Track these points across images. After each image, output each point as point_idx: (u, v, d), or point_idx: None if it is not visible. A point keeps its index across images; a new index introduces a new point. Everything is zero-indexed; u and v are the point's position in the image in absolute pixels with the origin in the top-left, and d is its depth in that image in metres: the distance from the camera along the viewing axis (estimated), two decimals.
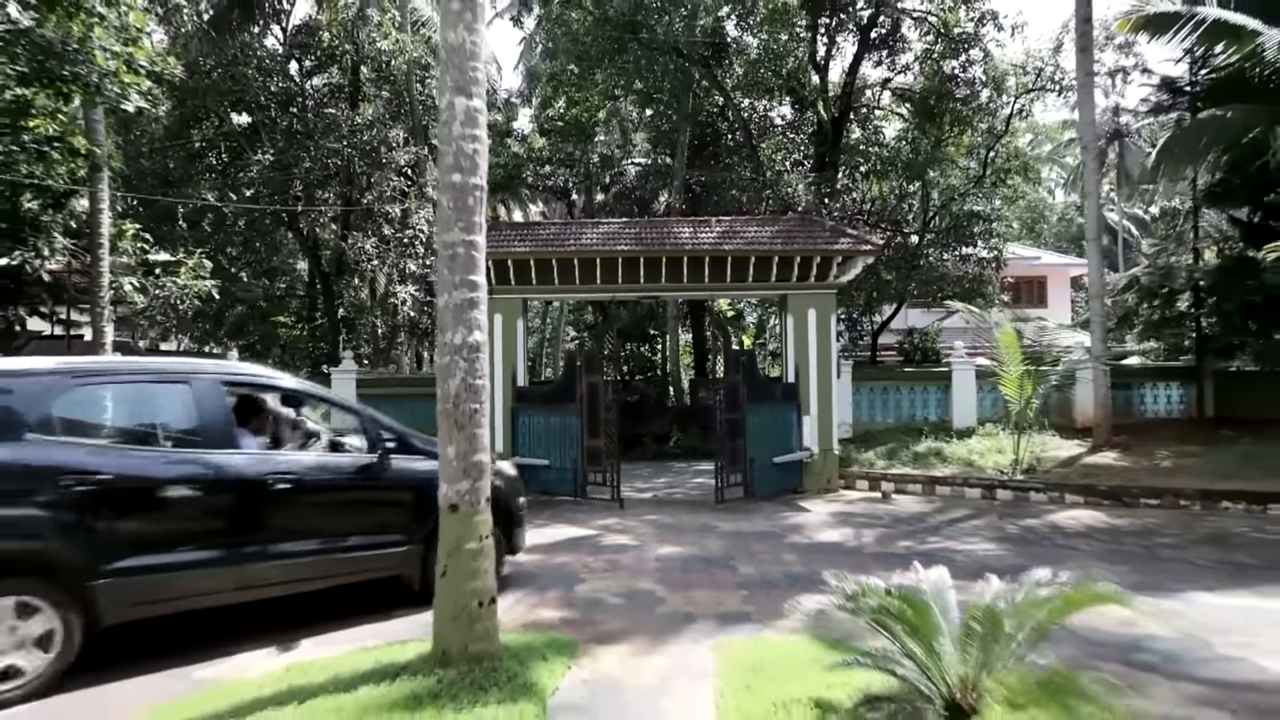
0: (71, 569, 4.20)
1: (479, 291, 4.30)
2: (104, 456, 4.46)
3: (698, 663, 4.47)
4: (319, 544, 5.14)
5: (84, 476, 4.29)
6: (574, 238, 12.02)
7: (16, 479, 4.17)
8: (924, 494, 11.05)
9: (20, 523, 4.14)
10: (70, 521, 4.23)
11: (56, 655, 4.10)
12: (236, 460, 4.87)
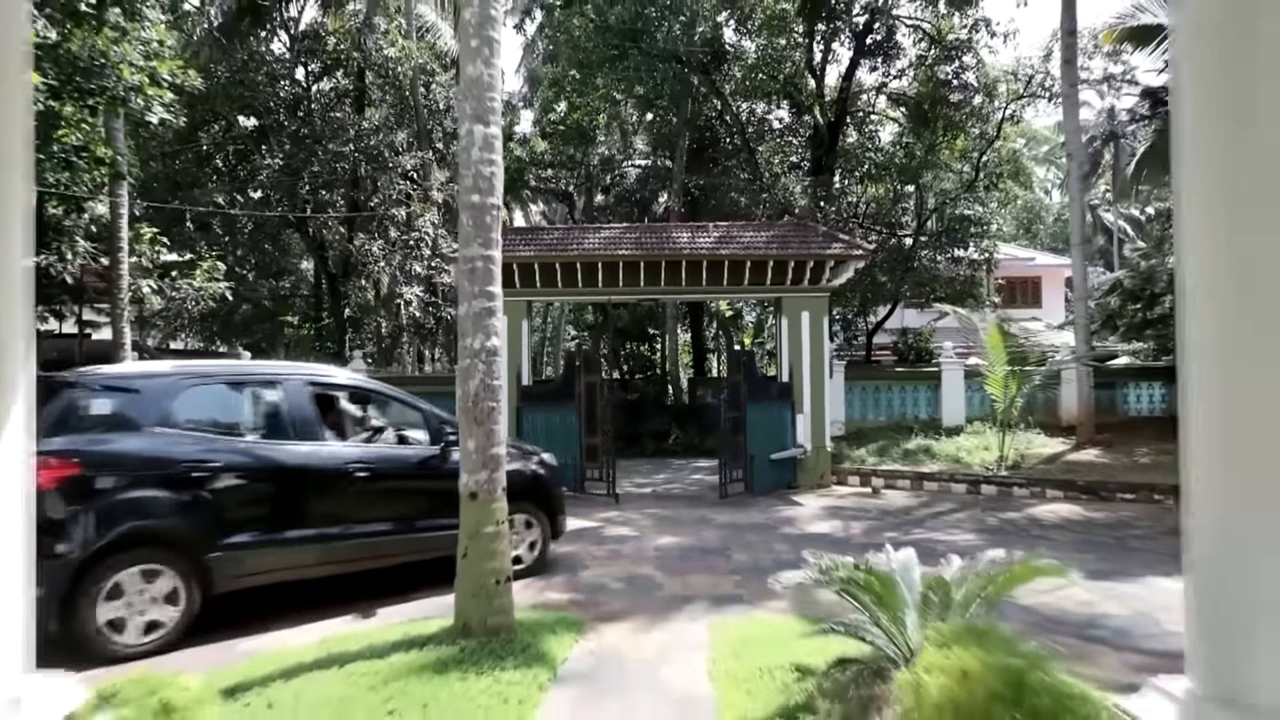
0: (192, 543, 4.94)
1: (496, 301, 4.75)
2: (214, 447, 5.18)
3: (693, 638, 4.94)
4: (391, 525, 5.79)
5: (199, 464, 5.04)
6: (577, 242, 12.47)
7: (144, 466, 4.88)
8: (912, 489, 11.51)
9: (149, 503, 4.86)
10: (189, 503, 4.95)
11: (181, 616, 4.85)
12: (322, 451, 5.60)
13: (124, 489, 4.79)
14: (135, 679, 2.32)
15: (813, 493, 11.36)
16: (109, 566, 4.65)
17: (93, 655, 4.49)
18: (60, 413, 4.81)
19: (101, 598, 4.60)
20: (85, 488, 4.67)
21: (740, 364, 11.59)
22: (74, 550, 4.57)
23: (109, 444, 4.87)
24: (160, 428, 5.02)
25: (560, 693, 4.03)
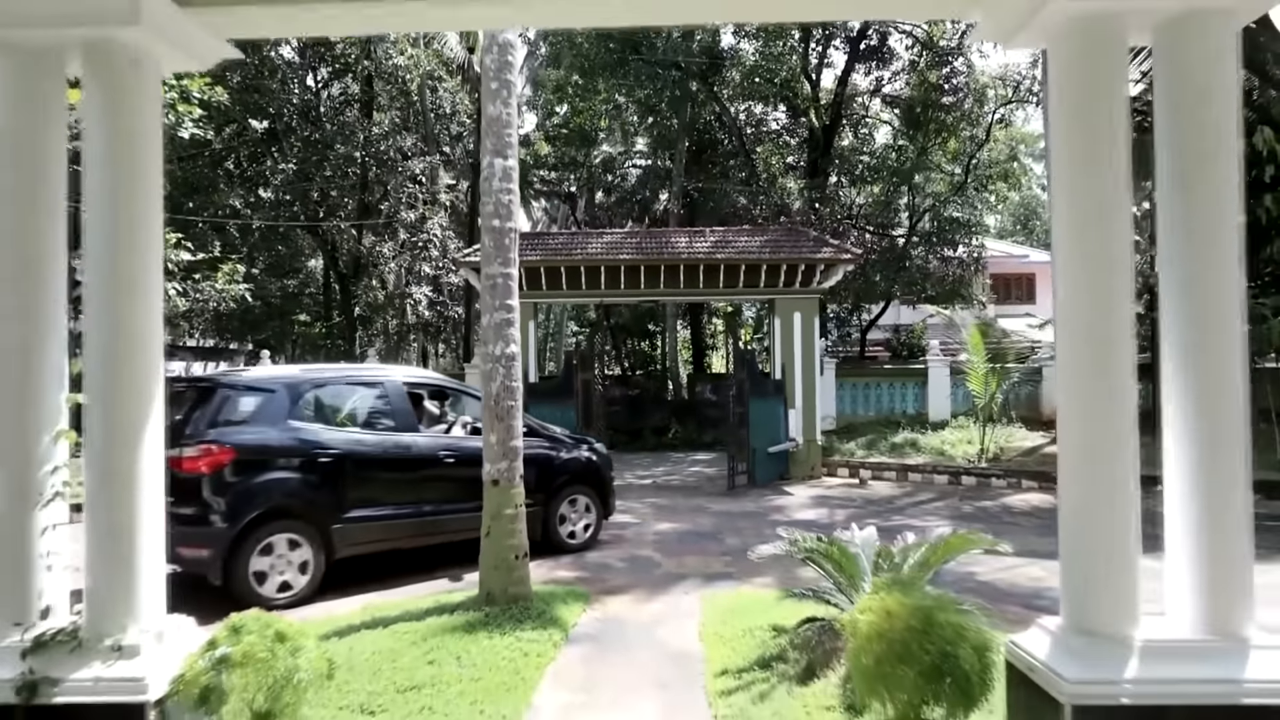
0: (319, 516, 5.98)
1: (514, 313, 5.43)
2: (335, 436, 6.23)
3: (686, 607, 5.63)
4: (473, 504, 6.45)
5: (324, 450, 6.08)
6: (580, 247, 13.16)
7: (283, 453, 5.94)
8: (897, 480, 12.20)
9: (287, 483, 5.94)
10: (317, 482, 6.02)
11: (310, 578, 5.88)
12: (419, 440, 6.64)
13: (267, 471, 5.87)
14: (253, 615, 2.99)
15: (803, 484, 12.06)
16: (258, 535, 5.69)
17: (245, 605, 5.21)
18: (216, 408, 5.79)
19: (253, 559, 5.64)
20: (238, 470, 5.73)
21: (744, 363, 12.31)
22: (232, 520, 5.61)
23: (255, 434, 5.90)
24: (293, 421, 6.08)
25: (571, 649, 4.73)
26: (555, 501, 7.39)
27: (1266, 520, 8.64)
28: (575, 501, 7.58)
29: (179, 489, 5.44)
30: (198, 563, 5.53)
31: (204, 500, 5.63)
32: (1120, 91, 2.95)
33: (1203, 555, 2.84)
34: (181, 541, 5.38)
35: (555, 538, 7.37)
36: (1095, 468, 2.91)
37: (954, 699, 2.83)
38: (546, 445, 7.52)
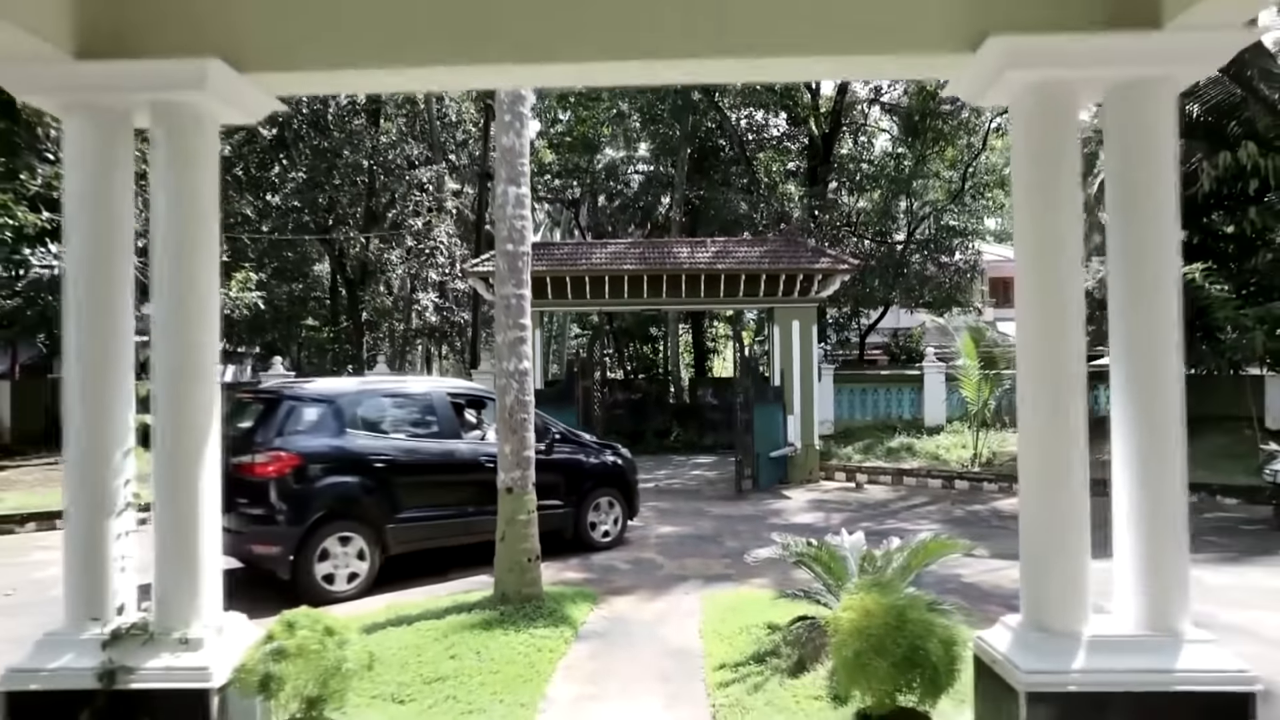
0: (375, 517, 6.51)
1: (526, 331, 5.80)
2: (388, 444, 6.76)
3: (687, 606, 6.00)
4: None
5: (378, 457, 6.61)
6: (585, 257, 13.54)
7: (342, 459, 6.46)
8: (893, 484, 12.57)
9: (347, 487, 6.45)
10: (372, 486, 6.53)
11: (367, 573, 6.43)
12: (462, 447, 7.13)
13: (329, 476, 6.40)
14: (304, 611, 3.35)
15: (801, 487, 12.42)
16: (321, 534, 6.23)
17: (310, 599, 5.63)
18: (283, 419, 6.30)
19: (317, 556, 6.19)
20: (303, 475, 6.28)
21: (749, 371, 12.70)
22: (298, 521, 6.14)
23: (317, 442, 6.44)
24: (350, 430, 6.63)
25: (581, 645, 5.10)
26: (585, 503, 8.02)
27: (1244, 524, 9.06)
28: (602, 503, 8.20)
29: (250, 492, 6.12)
30: (268, 559, 6.16)
31: (273, 502, 6.19)
32: (1072, 143, 3.31)
33: (1143, 559, 3.21)
34: (254, 540, 6.11)
35: (585, 536, 7.98)
36: (1049, 481, 3.27)
37: (924, 688, 3.20)
38: (577, 451, 8.14)
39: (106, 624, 3.27)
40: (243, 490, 6.16)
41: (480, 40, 3.26)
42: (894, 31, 3.22)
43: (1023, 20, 3.08)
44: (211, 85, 3.24)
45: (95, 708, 3.13)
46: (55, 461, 12.67)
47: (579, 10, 3.25)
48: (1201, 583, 6.54)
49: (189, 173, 3.40)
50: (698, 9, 3.22)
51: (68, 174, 3.41)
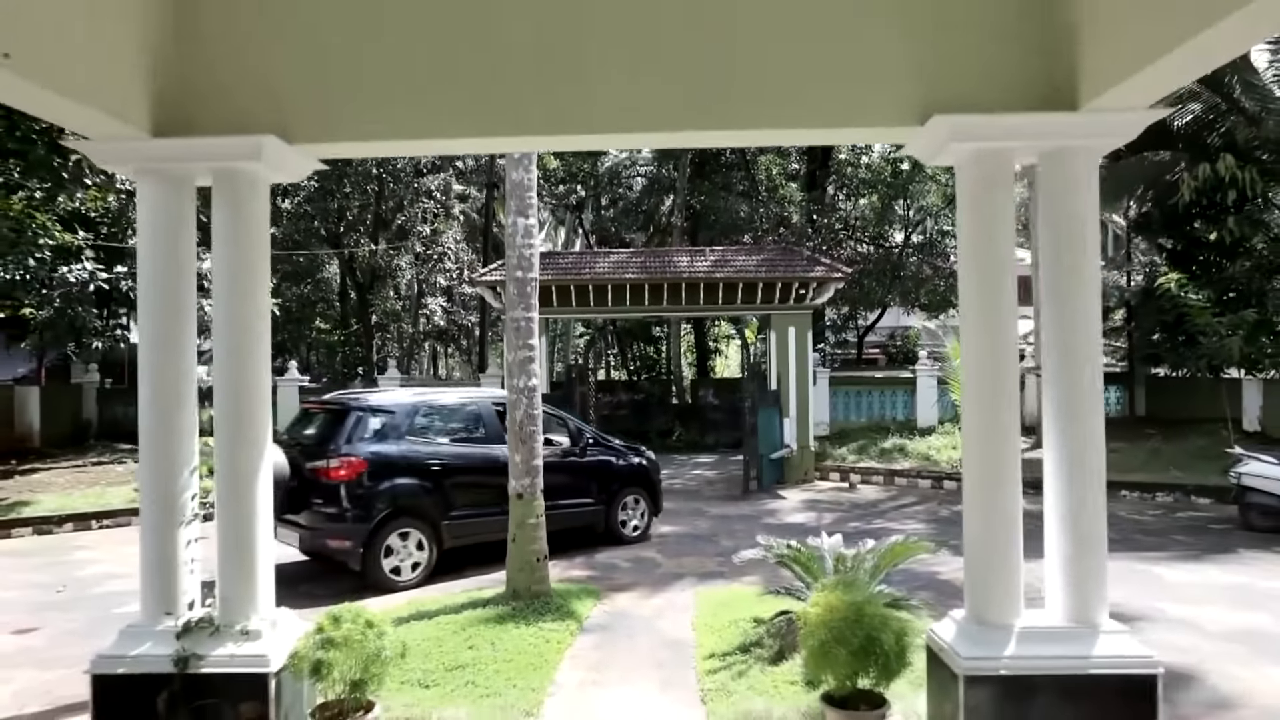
0: (433, 514, 7.31)
1: (534, 350, 6.34)
2: (442, 450, 7.56)
3: (683, 602, 6.54)
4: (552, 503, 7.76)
5: (434, 461, 7.42)
6: (589, 266, 14.07)
7: (403, 463, 7.28)
8: (884, 484, 13.09)
9: (409, 488, 7.26)
10: (430, 487, 7.33)
11: (426, 564, 7.26)
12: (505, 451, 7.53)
13: (393, 478, 7.18)
14: (346, 607, 3.88)
15: (797, 488, 12.95)
16: (386, 529, 7.04)
17: (378, 587, 6.90)
18: (351, 427, 7.07)
19: (383, 549, 7.00)
20: (371, 478, 7.05)
21: (755, 376, 13.22)
22: (367, 518, 6.93)
23: (382, 448, 7.24)
24: (410, 437, 7.46)
25: (585, 638, 5.64)
26: (615, 501, 8.88)
27: (1212, 523, 9.56)
28: (629, 501, 9.05)
29: (324, 493, 6.86)
30: (342, 552, 6.99)
31: (344, 502, 6.96)
32: (1007, 198, 3.81)
33: (1067, 560, 3.74)
34: (328, 536, 6.87)
35: (616, 531, 8.85)
36: (987, 493, 3.80)
37: (878, 672, 3.73)
38: (607, 453, 8.99)
39: (178, 618, 3.82)
40: (317, 491, 7.03)
41: (498, 117, 3.78)
42: (858, 110, 3.74)
43: (961, 102, 3.59)
44: (266, 156, 3.77)
45: (172, 689, 3.67)
46: (82, 463, 13.28)
47: (590, 92, 3.76)
48: (1161, 580, 7.11)
49: (245, 226, 3.93)
50: (696, 92, 3.72)
51: (141, 226, 3.94)
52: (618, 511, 8.90)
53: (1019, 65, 3.61)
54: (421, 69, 3.77)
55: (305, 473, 7.09)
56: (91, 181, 10.27)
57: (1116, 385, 16.24)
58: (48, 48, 3.06)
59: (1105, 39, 3.33)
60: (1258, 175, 12.33)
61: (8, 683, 4.93)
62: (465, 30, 3.76)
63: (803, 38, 3.69)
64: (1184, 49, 2.81)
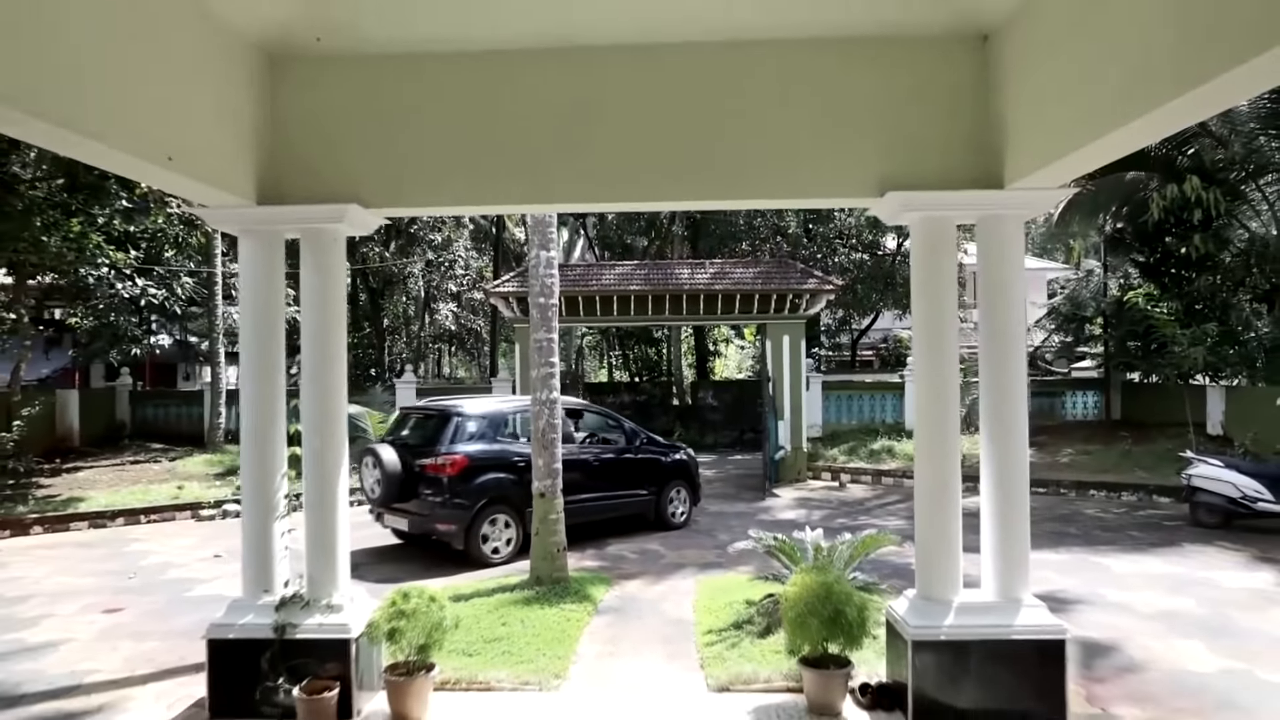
0: (518, 503, 8.50)
1: (554, 367, 7.21)
2: (524, 448, 8.64)
3: (684, 588, 7.43)
4: (613, 493, 9.67)
5: (519, 458, 8.67)
6: (596, 278, 14.94)
7: (495, 460, 8.72)
8: (872, 484, 13.98)
9: (500, 481, 8.67)
10: (516, 480, 8.59)
11: (515, 542, 8.64)
12: (572, 448, 9.08)
13: (488, 473, 8.57)
14: (412, 585, 4.75)
15: (790, 486, 13.83)
16: (484, 515, 8.44)
17: (478, 563, 8.32)
18: (453, 430, 8.37)
19: (482, 531, 8.42)
20: (471, 472, 8.45)
21: (766, 382, 14.10)
22: (469, 506, 8.31)
23: (478, 447, 8.65)
24: (500, 438, 8.95)
25: (600, 618, 6.53)
26: (665, 492, 10.26)
27: (1166, 520, 10.45)
28: (674, 492, 10.43)
29: (433, 485, 8.20)
30: (448, 534, 8.38)
31: (450, 492, 8.33)
32: (950, 252, 4.67)
33: (997, 546, 4.61)
34: (437, 520, 8.23)
35: (664, 518, 10.25)
36: (933, 494, 4.67)
37: (844, 639, 4.61)
38: (657, 451, 10.40)
39: (274, 594, 4.70)
40: (427, 484, 8.43)
41: (528, 187, 4.66)
42: (830, 186, 4.64)
43: (911, 181, 4.46)
44: (347, 219, 4.65)
45: (273, 651, 4.55)
46: (120, 462, 14.16)
47: (601, 168, 4.64)
48: (1109, 570, 8.00)
49: (328, 274, 4.81)
50: (692, 169, 4.60)
51: (242, 273, 4.82)
52: (666, 501, 10.25)
53: (958, 153, 4.49)
54: (469, 151, 4.64)
55: (414, 468, 8.45)
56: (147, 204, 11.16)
57: (1094, 390, 17.13)
58: (191, 148, 3.95)
59: (1026, 136, 4.19)
60: (1221, 195, 13.22)
61: (115, 650, 5.82)
62: (504, 121, 4.63)
63: (786, 131, 4.56)
64: (1088, 148, 3.63)
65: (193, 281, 14.89)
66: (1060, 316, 16.88)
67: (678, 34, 4.51)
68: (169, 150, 3.74)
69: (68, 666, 5.50)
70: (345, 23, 4.50)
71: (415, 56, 4.66)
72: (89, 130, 3.20)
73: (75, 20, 3.11)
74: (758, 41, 4.54)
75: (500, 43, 4.58)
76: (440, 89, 4.66)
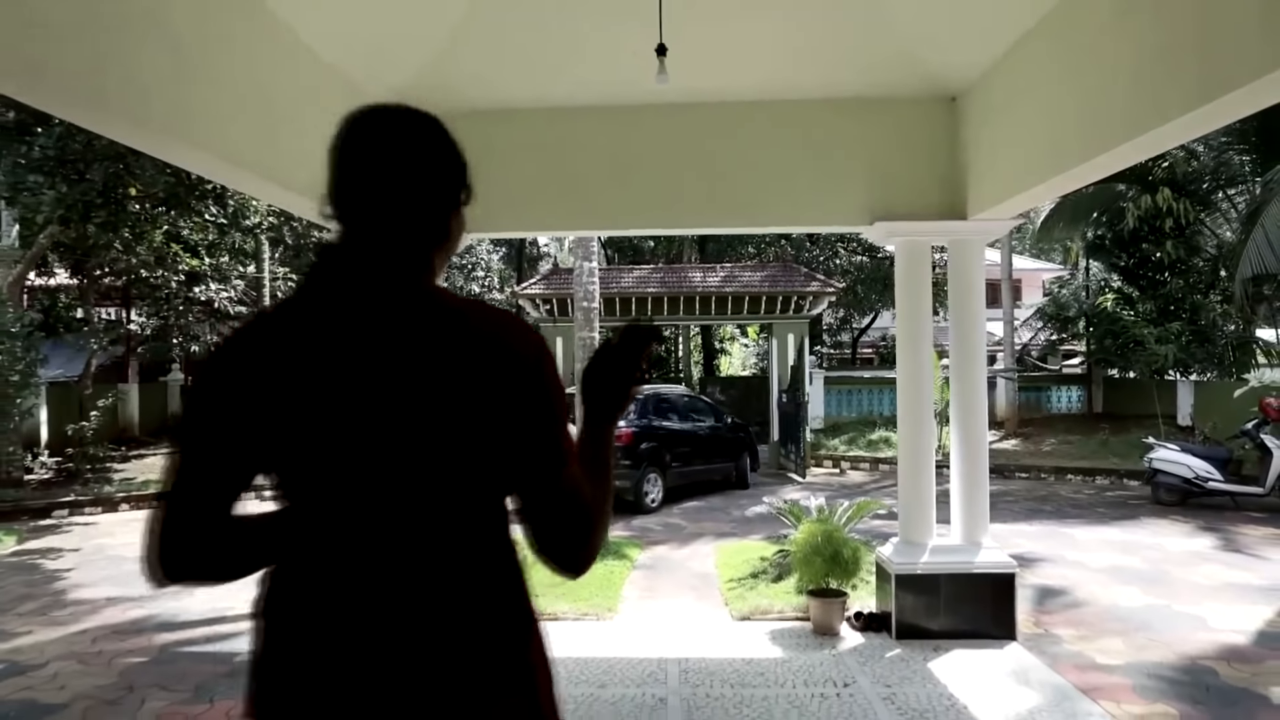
0: (662, 465, 11.66)
1: None
2: (663, 424, 12.08)
3: (705, 551, 8.65)
4: (709, 462, 12.77)
5: (665, 432, 12.00)
6: (615, 281, 16.17)
7: (649, 433, 11.62)
8: (870, 470, 15.19)
9: (653, 449, 11.55)
10: (660, 449, 11.73)
11: (660, 496, 11.53)
12: (688, 426, 12.58)
13: (645, 443, 11.44)
14: None
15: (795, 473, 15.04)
16: (643, 474, 11.27)
17: (639, 510, 11.09)
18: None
19: (643, 486, 11.23)
20: (636, 442, 11.23)
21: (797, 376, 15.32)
22: (637, 467, 11.11)
23: (639, 423, 11.45)
24: (650, 416, 11.83)
25: (638, 571, 7.75)
26: (740, 460, 13.44)
27: (1132, 500, 11.66)
28: (745, 460, 13.53)
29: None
30: (623, 490, 10.74)
31: (622, 457, 10.70)
32: (926, 267, 5.89)
33: (962, 502, 5.82)
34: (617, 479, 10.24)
35: (739, 481, 13.37)
36: (913, 463, 5.88)
37: (841, 575, 5.83)
38: (732, 430, 13.46)
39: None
40: None
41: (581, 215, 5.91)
42: (829, 215, 5.87)
43: (895, 212, 5.66)
44: None
45: None
46: None
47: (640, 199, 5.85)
48: (1073, 538, 9.21)
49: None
50: (714, 201, 5.81)
51: None
52: (744, 466, 13.47)
53: (932, 191, 5.69)
54: (541, 186, 5.84)
55: None
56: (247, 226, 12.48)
57: (1078, 386, 18.32)
58: None
59: (984, 179, 5.39)
60: (1191, 206, 14.41)
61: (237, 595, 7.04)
62: (567, 162, 5.79)
63: (792, 171, 5.76)
64: (1031, 191, 4.82)
65: (242, 283, 16.10)
66: (1046, 316, 18.06)
67: (702, 96, 5.70)
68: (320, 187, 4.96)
69: (207, 605, 6.73)
70: (449, 86, 5.71)
71: (501, 112, 5.87)
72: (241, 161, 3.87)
73: (247, 78, 4.31)
74: (769, 101, 5.75)
75: (565, 102, 5.79)
76: (520, 137, 5.87)
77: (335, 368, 1.13)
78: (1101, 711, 4.34)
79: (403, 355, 1.14)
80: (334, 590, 1.14)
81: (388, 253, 1.21)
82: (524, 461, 1.16)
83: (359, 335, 1.14)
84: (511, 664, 1.19)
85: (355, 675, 1.10)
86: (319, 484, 1.15)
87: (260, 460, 1.17)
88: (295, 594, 1.17)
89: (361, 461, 1.12)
